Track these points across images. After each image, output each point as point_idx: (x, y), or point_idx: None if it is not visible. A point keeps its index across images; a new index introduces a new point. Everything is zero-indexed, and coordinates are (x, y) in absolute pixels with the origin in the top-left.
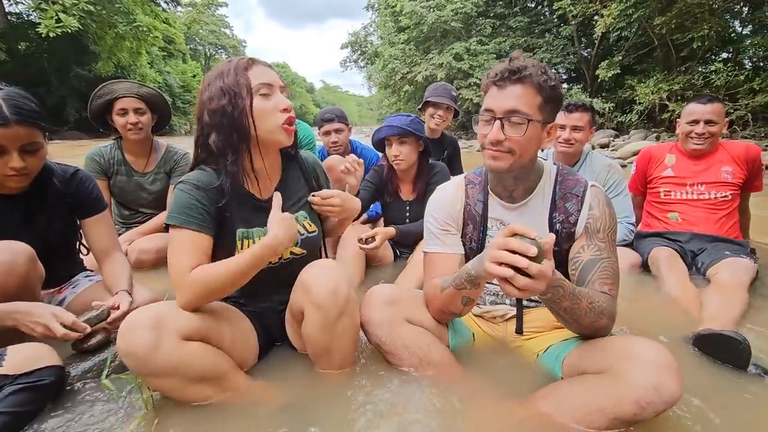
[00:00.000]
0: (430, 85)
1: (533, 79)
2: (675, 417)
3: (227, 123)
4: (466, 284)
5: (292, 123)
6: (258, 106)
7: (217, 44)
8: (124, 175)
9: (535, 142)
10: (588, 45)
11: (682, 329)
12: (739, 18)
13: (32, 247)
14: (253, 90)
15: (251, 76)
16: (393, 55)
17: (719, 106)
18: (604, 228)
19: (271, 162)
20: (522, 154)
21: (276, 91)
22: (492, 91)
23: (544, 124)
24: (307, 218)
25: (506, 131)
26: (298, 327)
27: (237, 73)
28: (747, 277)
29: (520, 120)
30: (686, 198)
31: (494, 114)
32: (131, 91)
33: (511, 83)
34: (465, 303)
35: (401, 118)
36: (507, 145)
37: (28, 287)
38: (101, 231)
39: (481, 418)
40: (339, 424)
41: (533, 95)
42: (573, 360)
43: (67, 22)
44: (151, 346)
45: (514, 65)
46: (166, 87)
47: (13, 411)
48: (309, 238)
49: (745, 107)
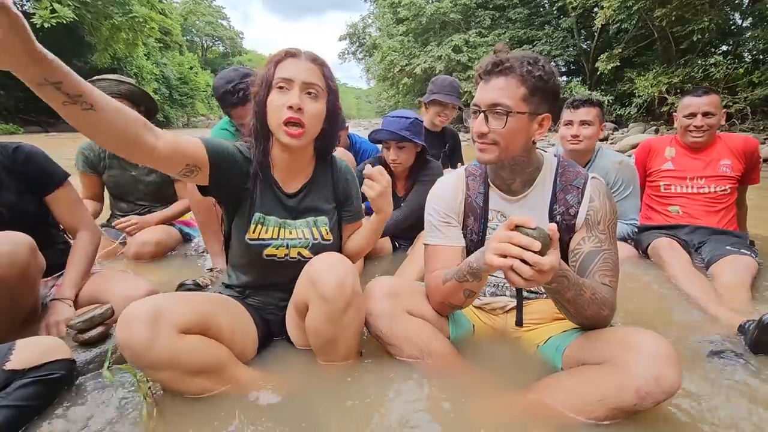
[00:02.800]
0: (437, 79)
1: (515, 71)
2: (673, 407)
3: (257, 110)
4: (469, 277)
5: (298, 125)
6: (270, 99)
7: (214, 36)
8: (117, 168)
9: (522, 133)
10: (588, 37)
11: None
12: (740, 10)
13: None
14: (273, 83)
15: (278, 69)
16: (392, 47)
17: (715, 97)
18: (604, 220)
19: (299, 158)
20: (507, 146)
21: (294, 88)
22: (479, 85)
23: (532, 115)
24: (326, 225)
25: (489, 124)
26: (301, 321)
27: (270, 65)
28: (749, 276)
29: (501, 112)
30: (686, 192)
31: (479, 107)
32: (110, 90)
33: (494, 76)
34: (467, 296)
35: (401, 121)
36: (491, 137)
37: (28, 278)
38: (62, 208)
39: (482, 408)
40: (341, 415)
41: (515, 87)
42: (573, 351)
43: (62, 13)
44: (149, 338)
45: (497, 58)
46: (164, 79)
47: (21, 405)
48: (322, 244)
49: (744, 100)
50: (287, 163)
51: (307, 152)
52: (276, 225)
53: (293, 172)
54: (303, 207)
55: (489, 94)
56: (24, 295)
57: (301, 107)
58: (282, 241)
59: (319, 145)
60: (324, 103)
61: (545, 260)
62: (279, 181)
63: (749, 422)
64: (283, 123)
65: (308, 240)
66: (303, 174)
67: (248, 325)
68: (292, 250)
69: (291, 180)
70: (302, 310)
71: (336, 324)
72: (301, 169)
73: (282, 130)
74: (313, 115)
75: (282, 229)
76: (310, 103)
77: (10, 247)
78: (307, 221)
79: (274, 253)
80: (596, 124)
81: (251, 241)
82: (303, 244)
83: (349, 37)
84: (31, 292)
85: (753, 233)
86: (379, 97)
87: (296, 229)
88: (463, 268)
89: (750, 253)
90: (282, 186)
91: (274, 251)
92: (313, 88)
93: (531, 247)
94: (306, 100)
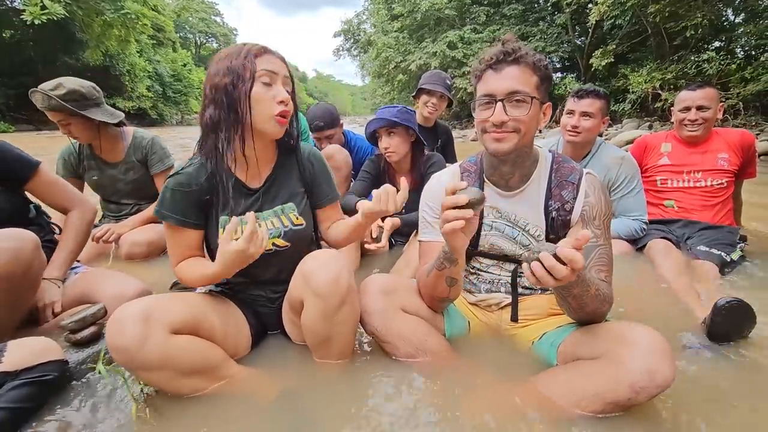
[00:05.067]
0: (425, 73)
1: (528, 59)
2: (667, 400)
3: (226, 102)
4: (445, 263)
5: (285, 116)
6: (256, 92)
7: (207, 32)
8: (96, 169)
9: (536, 121)
10: (582, 33)
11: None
12: (732, 6)
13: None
14: (256, 75)
15: (258, 63)
16: (386, 43)
17: (710, 91)
18: (599, 215)
19: (264, 150)
20: (526, 133)
21: (278, 81)
22: (488, 75)
23: (542, 104)
24: (295, 210)
25: (510, 112)
26: (296, 317)
27: (246, 56)
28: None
29: (523, 98)
30: (683, 186)
31: (495, 97)
32: (43, 105)
33: (507, 65)
34: (450, 284)
35: (389, 110)
36: (512, 125)
37: (31, 275)
38: (45, 192)
39: (478, 404)
40: (336, 413)
41: (530, 75)
42: (568, 346)
43: (52, 9)
44: (140, 340)
45: (508, 47)
46: (157, 76)
47: (13, 407)
48: (294, 230)
49: (736, 96)
50: (251, 157)
51: (272, 144)
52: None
53: (254, 165)
54: (268, 198)
55: (506, 83)
56: (27, 292)
57: (289, 101)
58: None
59: (283, 138)
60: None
61: (578, 257)
62: (241, 179)
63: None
64: (276, 116)
65: (279, 229)
66: (266, 167)
67: (240, 322)
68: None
69: (254, 175)
70: (297, 308)
71: (331, 321)
72: (264, 163)
73: (274, 124)
74: (291, 109)
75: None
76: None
77: (15, 243)
78: (274, 211)
79: None
80: (598, 117)
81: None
82: (275, 234)
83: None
84: (34, 290)
85: (749, 229)
86: (374, 93)
87: (265, 220)
88: (439, 255)
89: (721, 252)
90: (246, 183)
91: None
92: (288, 84)
93: (457, 203)
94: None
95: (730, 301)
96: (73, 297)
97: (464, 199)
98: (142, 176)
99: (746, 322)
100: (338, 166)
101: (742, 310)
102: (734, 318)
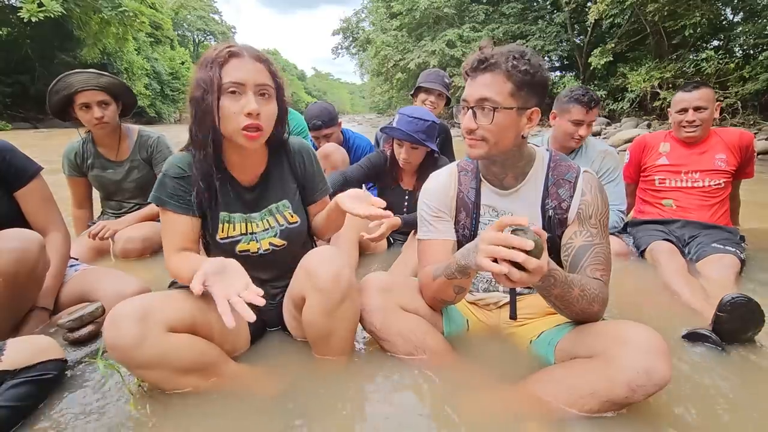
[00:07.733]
0: (424, 71)
1: (501, 66)
2: (664, 399)
3: (200, 115)
4: (457, 274)
5: (257, 129)
6: (223, 105)
7: (205, 30)
8: (100, 167)
9: (512, 129)
10: (581, 32)
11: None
12: (731, 5)
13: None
14: (222, 87)
15: (225, 72)
16: (385, 42)
17: (707, 91)
18: (596, 214)
19: (253, 154)
20: (497, 142)
21: (247, 91)
22: (467, 82)
23: (521, 110)
24: (289, 208)
25: (478, 120)
26: (297, 313)
27: (212, 66)
28: (733, 273)
29: (488, 107)
30: (681, 186)
31: (468, 104)
32: (90, 83)
33: (480, 72)
34: (457, 291)
35: (418, 123)
36: (479, 133)
37: (36, 276)
38: (33, 204)
39: (476, 403)
40: (335, 410)
41: (502, 82)
42: (565, 345)
43: (49, 7)
44: (137, 339)
45: (481, 55)
46: (155, 74)
47: (13, 405)
48: (289, 228)
49: (735, 95)
50: (241, 160)
51: (261, 147)
52: (241, 221)
53: (245, 166)
54: (262, 197)
55: (476, 91)
56: (30, 292)
57: (259, 112)
58: (250, 235)
59: (272, 138)
60: (275, 100)
61: (532, 261)
62: (236, 177)
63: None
64: (242, 129)
65: (275, 228)
66: (259, 166)
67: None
68: (262, 242)
69: (248, 174)
70: (299, 303)
71: (332, 316)
72: (256, 163)
73: (241, 135)
74: (268, 116)
75: (248, 223)
76: (264, 104)
77: (21, 244)
78: (269, 209)
79: (247, 248)
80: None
81: (222, 240)
82: (271, 234)
83: (343, 31)
84: (37, 290)
85: (746, 227)
86: (373, 92)
87: (261, 220)
88: (452, 265)
89: (735, 249)
90: (240, 182)
91: (246, 246)
92: (266, 89)
93: (524, 247)
94: (260, 102)
95: (737, 297)
96: (72, 295)
97: (530, 245)
98: (146, 175)
99: (753, 320)
100: (335, 165)
101: (749, 307)
102: (740, 315)
